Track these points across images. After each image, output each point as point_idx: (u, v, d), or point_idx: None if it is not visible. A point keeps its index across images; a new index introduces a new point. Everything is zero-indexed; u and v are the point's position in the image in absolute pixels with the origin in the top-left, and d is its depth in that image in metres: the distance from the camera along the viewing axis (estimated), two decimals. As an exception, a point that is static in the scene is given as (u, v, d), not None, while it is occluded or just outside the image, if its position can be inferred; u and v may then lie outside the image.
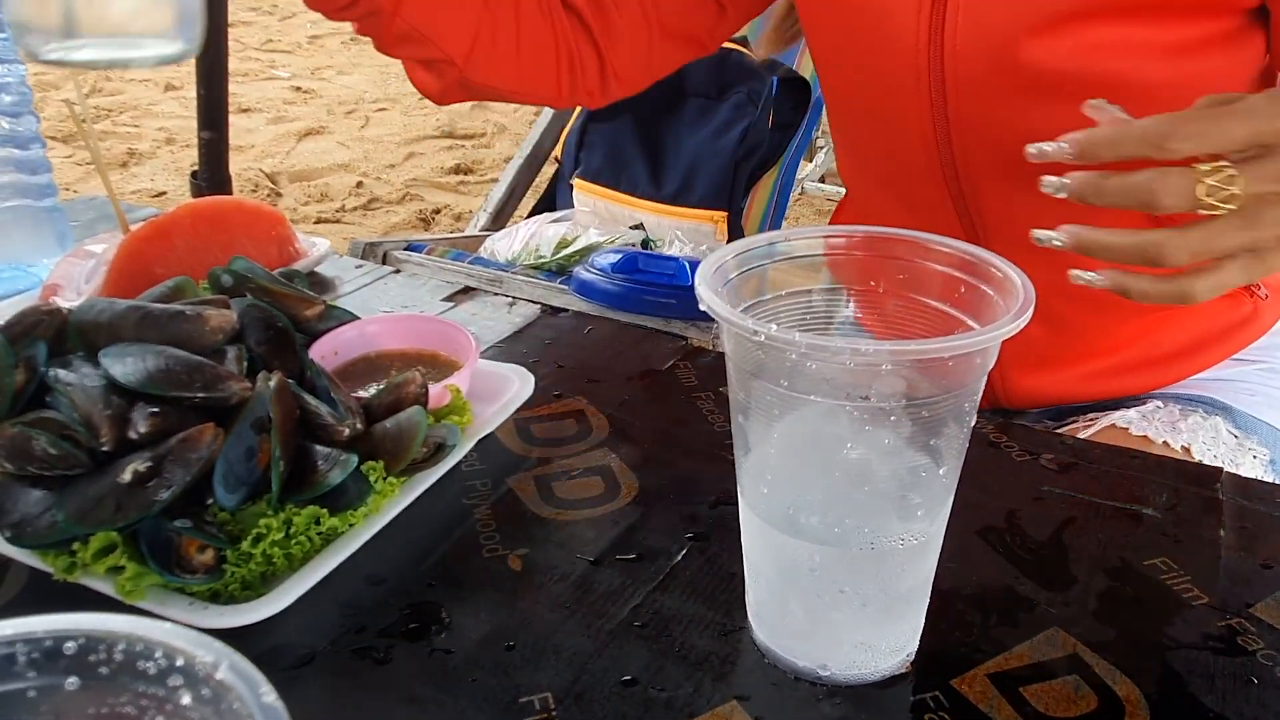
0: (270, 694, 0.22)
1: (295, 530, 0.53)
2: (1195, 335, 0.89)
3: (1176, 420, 0.87)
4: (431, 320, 0.76)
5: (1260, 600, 0.56)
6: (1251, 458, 0.86)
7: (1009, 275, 0.45)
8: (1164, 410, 0.88)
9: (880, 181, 0.91)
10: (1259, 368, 0.92)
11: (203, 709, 0.24)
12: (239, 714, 0.23)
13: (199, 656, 0.24)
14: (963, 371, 0.43)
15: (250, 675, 0.23)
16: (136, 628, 0.24)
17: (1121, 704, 0.50)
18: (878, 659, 0.50)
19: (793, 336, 0.40)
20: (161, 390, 0.53)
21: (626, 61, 0.91)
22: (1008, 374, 0.93)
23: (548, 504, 0.65)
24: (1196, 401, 0.89)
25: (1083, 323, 0.88)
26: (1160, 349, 0.90)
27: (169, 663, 0.24)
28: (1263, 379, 0.92)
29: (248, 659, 0.24)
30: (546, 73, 0.90)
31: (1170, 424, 0.86)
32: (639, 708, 0.49)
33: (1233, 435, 0.86)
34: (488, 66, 0.86)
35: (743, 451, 0.49)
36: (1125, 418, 0.87)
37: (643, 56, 0.92)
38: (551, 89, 0.91)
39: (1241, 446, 0.86)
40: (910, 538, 0.46)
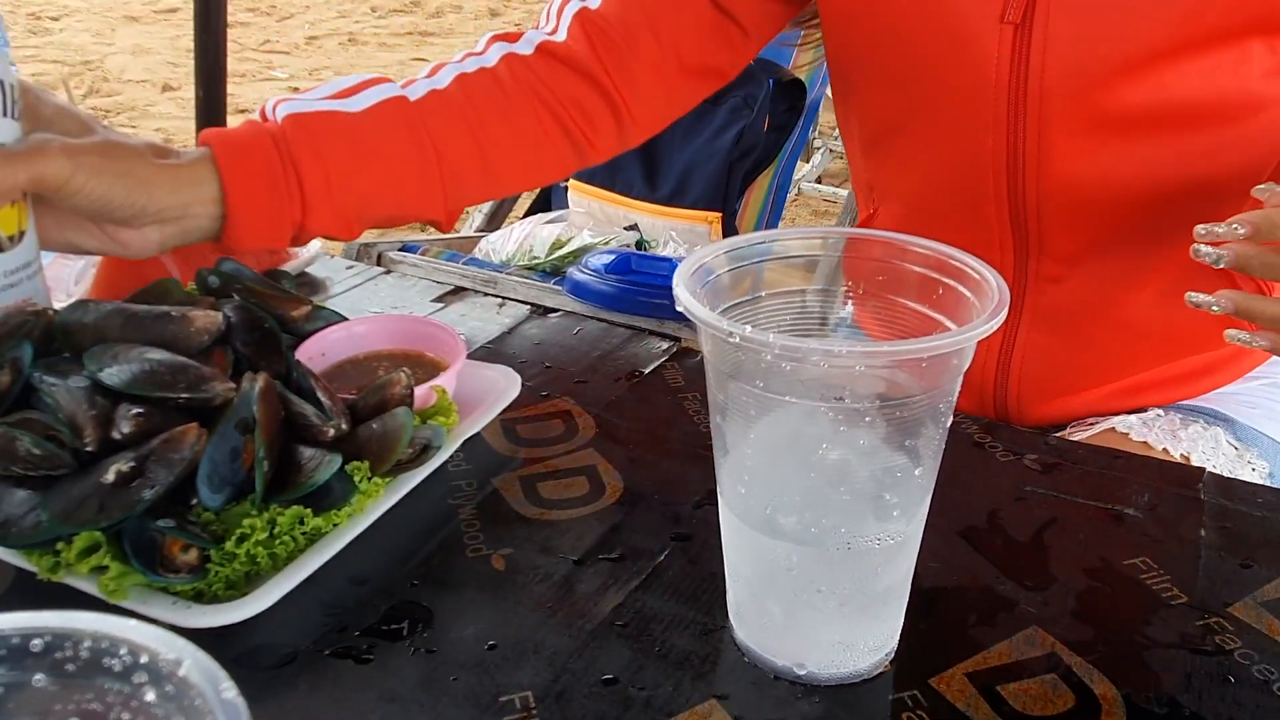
0: (230, 690, 0.23)
1: (279, 530, 0.53)
2: (1210, 359, 0.90)
3: (1177, 429, 0.87)
4: (419, 321, 0.76)
5: (1238, 600, 0.57)
6: (1250, 470, 0.86)
7: (985, 277, 0.45)
8: (1165, 418, 0.89)
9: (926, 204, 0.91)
10: (1262, 382, 0.93)
11: (166, 705, 0.24)
12: (200, 710, 0.23)
13: (162, 654, 0.24)
14: (938, 372, 0.43)
15: (212, 672, 0.23)
16: (103, 625, 0.25)
17: (1099, 702, 0.50)
18: (856, 658, 0.50)
19: (767, 338, 0.40)
20: (146, 391, 0.54)
21: (646, 106, 0.89)
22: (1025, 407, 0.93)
23: (532, 504, 0.65)
24: (1197, 412, 0.90)
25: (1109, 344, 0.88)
26: (1175, 370, 0.90)
27: (134, 660, 0.24)
28: (1265, 393, 0.92)
29: (229, 658, 0.25)
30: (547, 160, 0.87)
31: (1171, 432, 0.87)
32: (618, 707, 0.50)
33: (1233, 446, 0.87)
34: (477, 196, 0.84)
35: (721, 452, 0.49)
36: (1126, 423, 0.87)
37: (663, 98, 0.90)
38: (557, 168, 0.89)
39: (1241, 458, 0.86)
40: (887, 538, 0.47)
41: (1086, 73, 0.75)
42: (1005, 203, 0.83)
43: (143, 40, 5.18)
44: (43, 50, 4.84)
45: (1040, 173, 0.80)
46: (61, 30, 5.31)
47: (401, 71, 4.85)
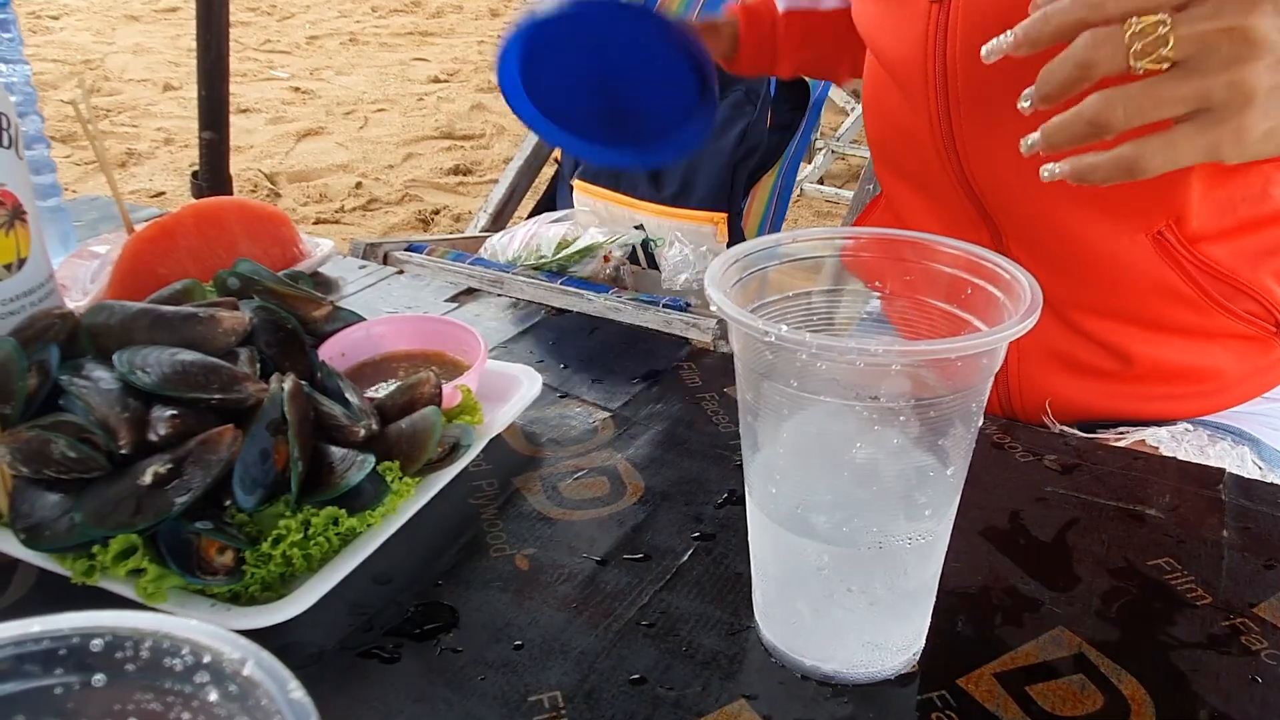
0: (298, 690, 0.23)
1: (314, 531, 0.53)
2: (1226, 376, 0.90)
3: (1205, 445, 0.87)
4: (439, 321, 0.76)
5: (1263, 600, 0.57)
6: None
7: (1016, 277, 0.45)
8: (1194, 434, 0.89)
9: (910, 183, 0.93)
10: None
11: (229, 705, 0.24)
12: (266, 710, 0.23)
13: (225, 653, 0.24)
14: (970, 372, 0.43)
15: (278, 671, 0.23)
16: (163, 625, 0.25)
17: (1127, 703, 0.50)
18: (884, 658, 0.50)
19: (803, 337, 0.40)
20: (178, 392, 0.54)
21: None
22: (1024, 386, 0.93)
23: (554, 504, 0.65)
24: (1225, 430, 0.90)
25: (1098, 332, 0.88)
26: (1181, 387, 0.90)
27: (195, 659, 0.24)
28: None
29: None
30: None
31: (1199, 448, 0.87)
32: (648, 706, 0.50)
33: (1257, 466, 0.87)
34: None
35: (751, 451, 0.49)
36: (1156, 436, 0.87)
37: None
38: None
39: (1265, 479, 0.86)
40: (918, 537, 0.47)
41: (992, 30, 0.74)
42: (958, 185, 0.84)
43: (143, 39, 5.17)
44: (43, 49, 4.83)
45: (969, 153, 0.81)
46: (62, 29, 5.30)
47: (402, 71, 4.85)
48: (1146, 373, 0.89)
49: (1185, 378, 0.90)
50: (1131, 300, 0.85)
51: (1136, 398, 0.91)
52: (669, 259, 1.91)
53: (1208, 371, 0.90)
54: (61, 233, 1.01)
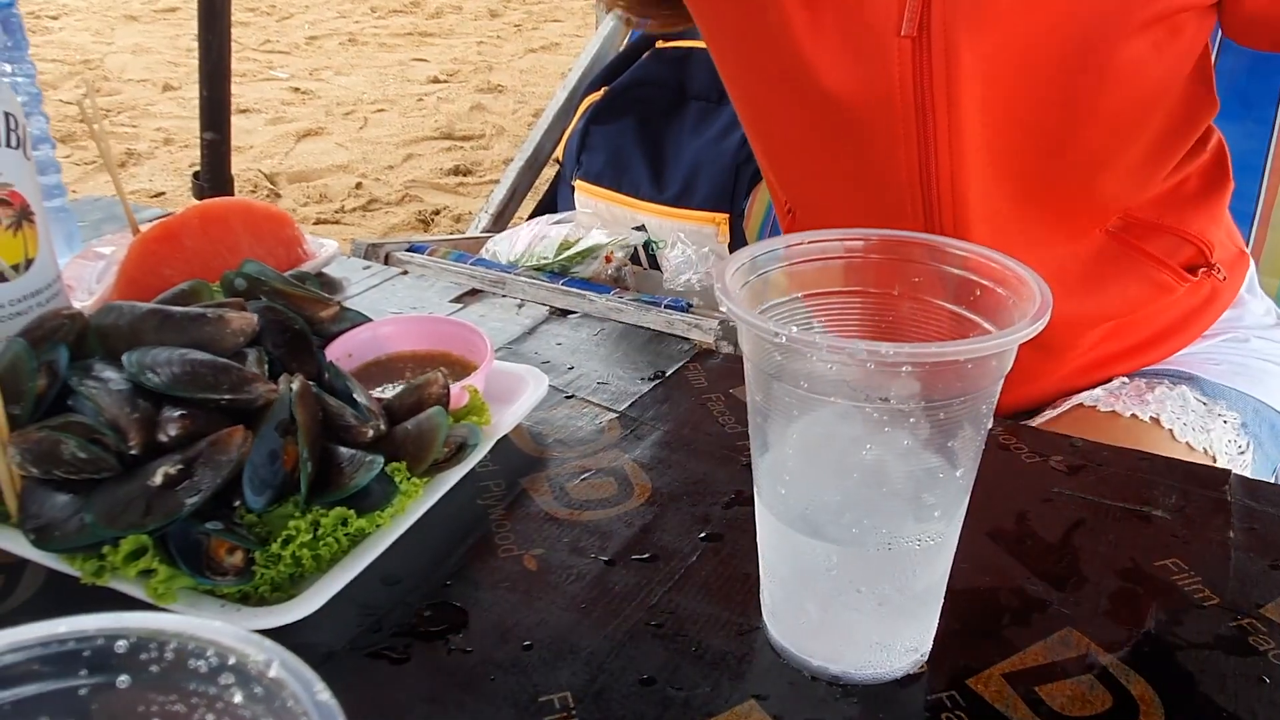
0: (324, 692, 0.23)
1: (323, 532, 0.53)
2: (1162, 325, 0.91)
3: (1143, 393, 0.88)
4: (445, 321, 0.76)
5: (1270, 600, 0.57)
6: (1222, 422, 0.86)
7: (1025, 279, 0.46)
8: (1129, 385, 0.89)
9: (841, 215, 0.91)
10: (1223, 338, 0.94)
11: (254, 707, 0.24)
12: (293, 712, 0.23)
13: (250, 655, 0.24)
14: (980, 374, 0.44)
15: (303, 673, 0.23)
16: (187, 626, 0.25)
17: (1136, 703, 0.50)
18: (893, 658, 0.50)
19: (814, 339, 0.41)
20: (188, 392, 0.54)
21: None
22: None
23: (562, 505, 0.65)
24: (1161, 374, 0.90)
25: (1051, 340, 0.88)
26: (1126, 342, 0.91)
27: (220, 661, 0.24)
28: (1228, 348, 0.93)
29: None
30: None
31: (1137, 397, 0.87)
32: (658, 707, 0.50)
33: (1201, 402, 0.87)
34: None
35: (760, 452, 0.49)
36: (1092, 396, 0.88)
37: None
38: None
39: (1210, 412, 0.87)
40: (927, 538, 0.47)
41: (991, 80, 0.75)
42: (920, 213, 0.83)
43: (142, 39, 5.16)
44: (42, 50, 4.83)
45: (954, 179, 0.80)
46: (61, 29, 5.30)
47: (402, 72, 4.85)
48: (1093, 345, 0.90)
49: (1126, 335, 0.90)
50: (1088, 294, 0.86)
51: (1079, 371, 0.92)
52: (671, 260, 1.91)
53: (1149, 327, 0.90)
54: (66, 233, 1.01)
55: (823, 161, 0.88)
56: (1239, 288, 0.95)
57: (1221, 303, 0.93)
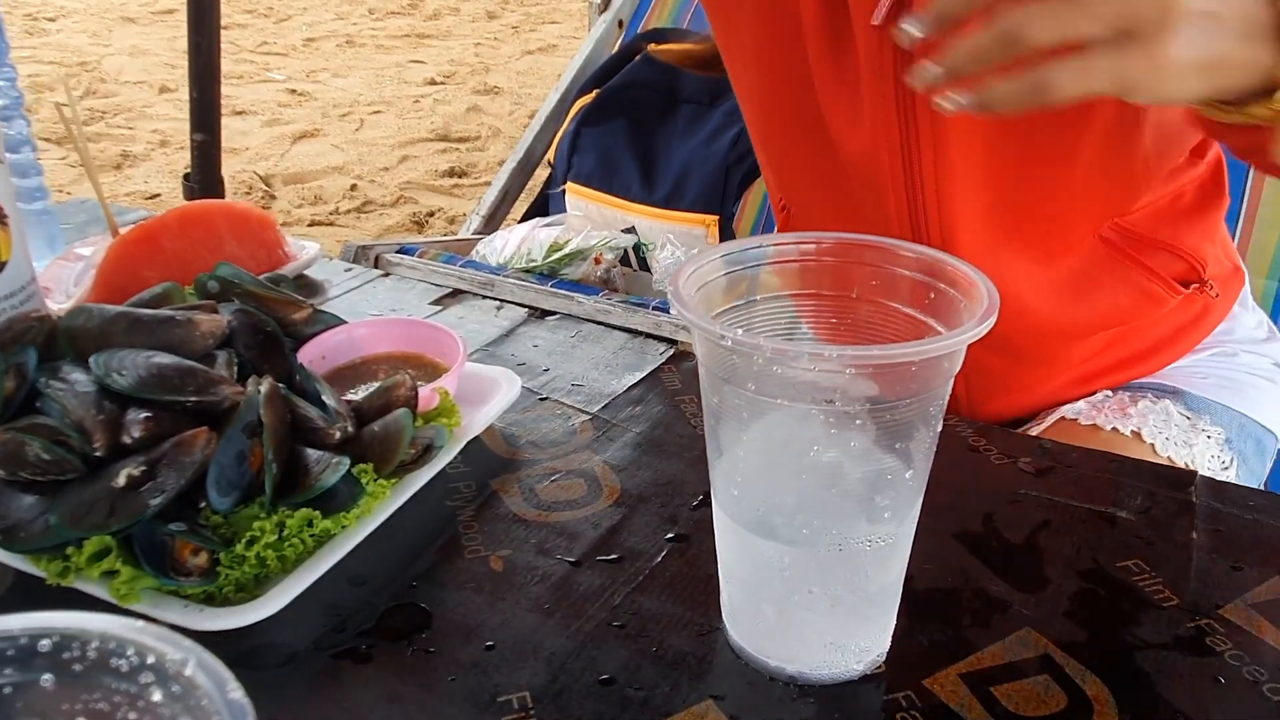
0: (237, 690, 0.23)
1: (288, 533, 0.54)
2: (1152, 339, 0.90)
3: (1126, 407, 0.87)
4: (419, 324, 0.77)
5: (1229, 602, 0.57)
6: (1205, 437, 0.86)
7: (974, 280, 0.46)
8: (1113, 399, 0.89)
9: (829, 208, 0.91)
10: (1211, 353, 0.93)
11: (173, 705, 0.24)
12: (206, 710, 0.23)
13: (168, 654, 0.24)
14: (928, 375, 0.44)
15: (217, 672, 0.24)
16: (109, 626, 0.25)
17: (1090, 703, 0.51)
18: (848, 659, 0.51)
19: (757, 341, 0.41)
20: (154, 394, 0.54)
21: None
22: (975, 406, 0.93)
23: (530, 506, 0.66)
24: (1145, 388, 0.90)
25: (1041, 350, 0.88)
26: (1117, 355, 0.91)
27: (140, 660, 0.25)
28: (1214, 363, 0.92)
29: (230, 659, 0.25)
30: None
31: (1120, 410, 0.87)
32: (616, 707, 0.50)
33: (1185, 417, 0.87)
34: None
35: (715, 455, 0.50)
36: (1074, 409, 0.88)
37: None
38: None
39: (1194, 427, 0.86)
40: (878, 540, 0.47)
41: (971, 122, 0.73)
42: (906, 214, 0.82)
43: (140, 41, 5.17)
44: (39, 51, 4.84)
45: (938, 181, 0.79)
46: (58, 31, 5.30)
47: (398, 74, 4.86)
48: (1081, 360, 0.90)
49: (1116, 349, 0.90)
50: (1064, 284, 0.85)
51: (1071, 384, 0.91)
52: (661, 261, 1.92)
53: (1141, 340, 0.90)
54: (48, 235, 1.01)
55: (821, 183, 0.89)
56: (1232, 304, 0.94)
57: (1213, 319, 0.92)
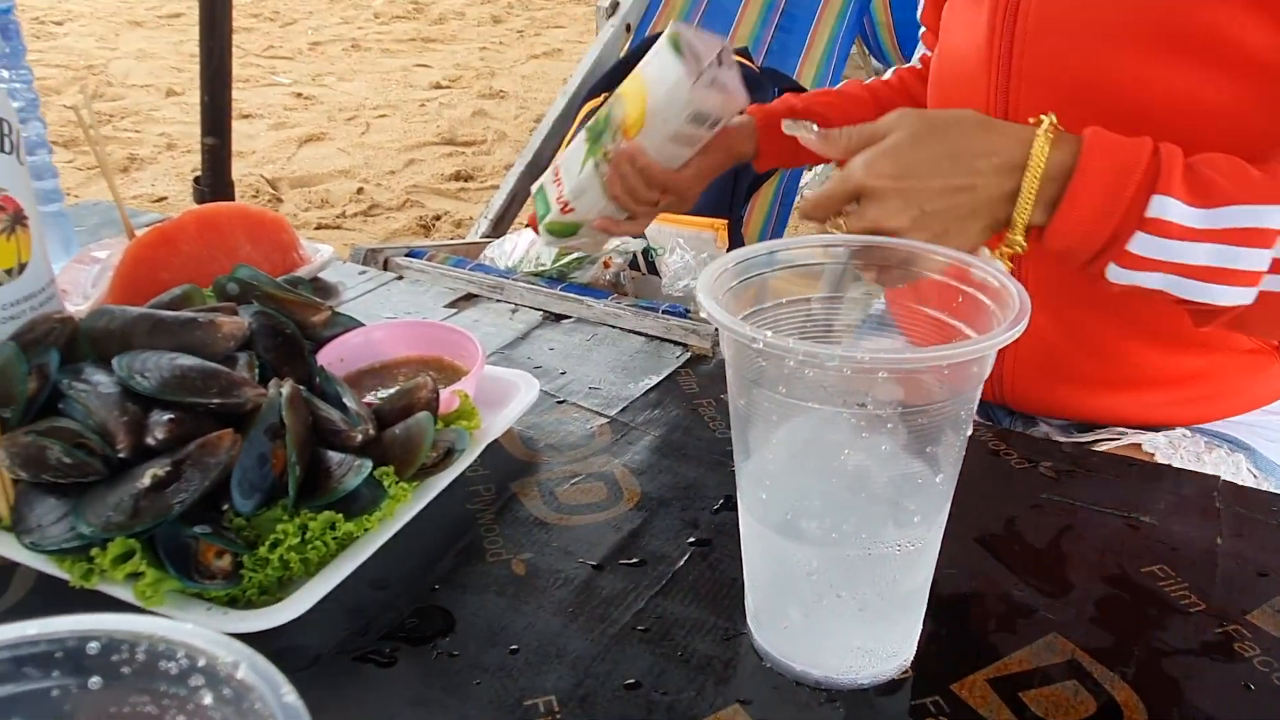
0: (291, 694, 0.23)
1: (311, 535, 0.53)
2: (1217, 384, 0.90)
3: (1201, 452, 0.88)
4: (437, 326, 0.76)
5: (1256, 607, 0.57)
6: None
7: (1005, 285, 0.46)
8: (1190, 440, 0.89)
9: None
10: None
11: (224, 709, 0.24)
12: (260, 714, 0.23)
13: (220, 657, 0.24)
14: (959, 379, 0.44)
15: (271, 675, 0.24)
16: (158, 628, 0.25)
17: (1120, 709, 0.50)
18: (875, 663, 0.51)
19: (788, 343, 0.41)
20: (178, 396, 0.54)
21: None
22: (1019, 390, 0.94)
23: (551, 509, 0.66)
24: (1222, 438, 0.90)
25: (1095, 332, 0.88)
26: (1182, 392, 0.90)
27: (190, 663, 0.25)
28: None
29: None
30: None
31: (1195, 454, 0.87)
32: (642, 711, 0.50)
33: (1252, 474, 0.88)
34: None
35: (743, 457, 0.49)
36: (1153, 442, 0.88)
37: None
38: None
39: (1260, 487, 0.87)
40: (908, 544, 0.47)
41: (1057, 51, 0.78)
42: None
43: (146, 45, 5.18)
44: (46, 55, 4.85)
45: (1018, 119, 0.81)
46: (65, 35, 5.31)
47: (404, 78, 4.86)
48: (1147, 380, 0.90)
49: (1185, 386, 0.90)
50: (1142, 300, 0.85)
51: (1135, 404, 0.91)
52: (670, 265, 1.91)
53: (1208, 382, 0.90)
54: (63, 238, 1.01)
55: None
56: None
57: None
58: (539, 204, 1.14)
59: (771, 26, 2.12)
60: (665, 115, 0.97)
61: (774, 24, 2.12)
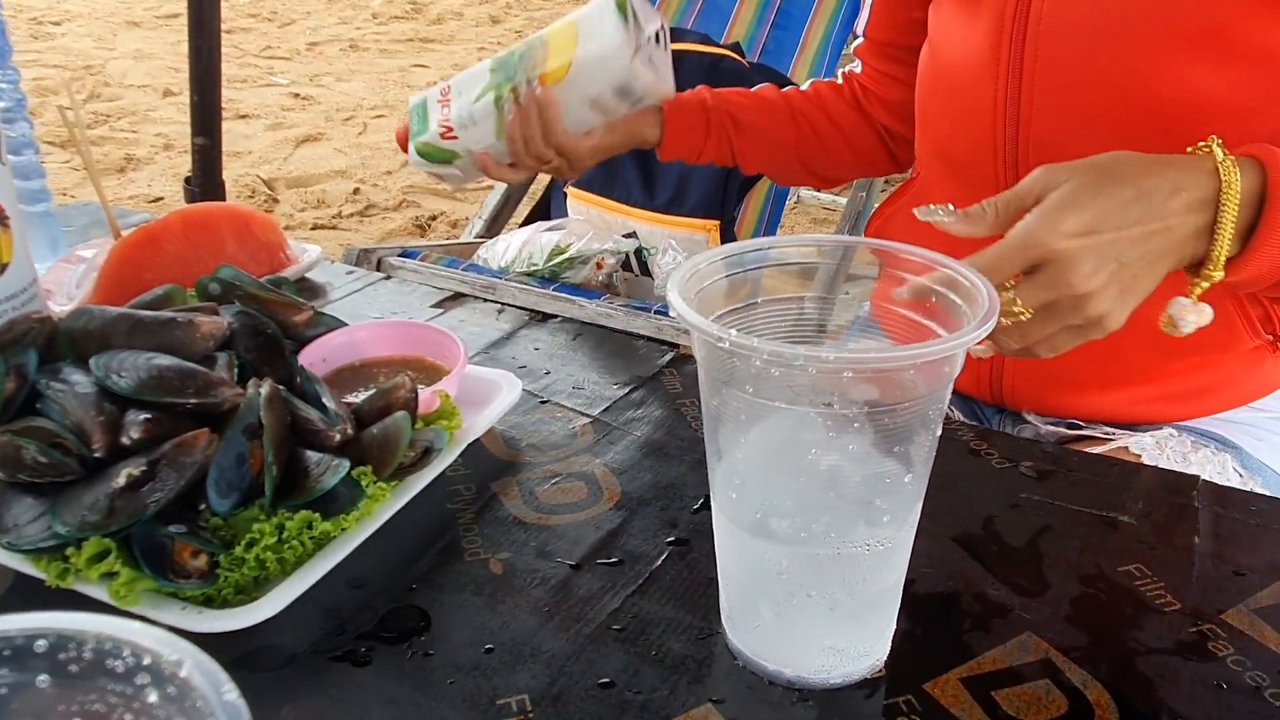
0: (232, 692, 0.23)
1: (288, 535, 0.53)
2: (1211, 379, 0.90)
3: (1187, 453, 0.88)
4: (420, 326, 0.77)
5: (1231, 606, 0.57)
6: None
7: (976, 285, 0.46)
8: (1176, 440, 0.89)
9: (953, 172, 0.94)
10: (1269, 415, 0.93)
11: (168, 707, 0.24)
12: (201, 712, 0.23)
13: (164, 655, 0.24)
14: (928, 379, 0.44)
15: (213, 673, 0.24)
16: (105, 626, 0.25)
17: (1091, 708, 0.50)
18: (846, 663, 0.51)
19: (754, 343, 0.41)
20: (154, 396, 0.54)
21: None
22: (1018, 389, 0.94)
23: (531, 509, 0.66)
24: (1209, 437, 0.90)
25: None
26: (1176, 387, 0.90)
27: (136, 661, 0.25)
28: (1273, 426, 0.93)
29: (228, 661, 0.25)
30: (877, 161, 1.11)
31: (1181, 455, 0.87)
32: (615, 710, 0.50)
33: (1238, 473, 0.88)
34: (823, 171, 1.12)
35: (715, 457, 0.49)
36: (1140, 444, 0.88)
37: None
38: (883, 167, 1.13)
39: (1246, 486, 0.87)
40: (877, 543, 0.47)
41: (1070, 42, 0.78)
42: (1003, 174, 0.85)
43: (144, 45, 5.18)
44: (44, 55, 4.85)
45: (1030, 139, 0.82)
46: (63, 35, 5.32)
47: (402, 78, 4.86)
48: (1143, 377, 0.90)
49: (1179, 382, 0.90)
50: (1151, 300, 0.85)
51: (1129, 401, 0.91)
52: (662, 266, 1.92)
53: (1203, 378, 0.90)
54: (50, 238, 1.01)
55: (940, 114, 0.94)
56: None
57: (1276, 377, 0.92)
58: (414, 119, 1.02)
59: (767, 25, 2.12)
60: (592, 77, 0.91)
61: (769, 21, 2.12)
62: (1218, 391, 0.92)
